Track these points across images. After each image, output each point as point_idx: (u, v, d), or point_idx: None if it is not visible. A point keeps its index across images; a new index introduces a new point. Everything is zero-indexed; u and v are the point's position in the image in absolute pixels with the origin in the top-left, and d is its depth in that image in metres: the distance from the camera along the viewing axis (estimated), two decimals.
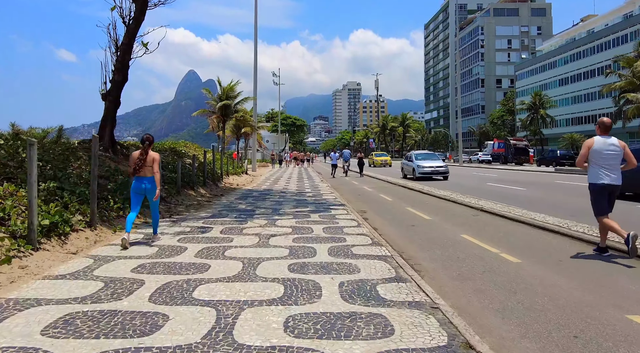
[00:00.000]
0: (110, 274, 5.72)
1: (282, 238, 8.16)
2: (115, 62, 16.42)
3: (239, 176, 26.05)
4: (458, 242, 8.35)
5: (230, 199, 15.09)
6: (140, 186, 7.51)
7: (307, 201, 14.55)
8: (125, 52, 16.29)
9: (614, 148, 6.82)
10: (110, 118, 16.71)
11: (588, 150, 6.90)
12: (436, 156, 29.35)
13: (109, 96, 16.52)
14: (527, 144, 62.90)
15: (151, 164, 7.50)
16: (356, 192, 19.20)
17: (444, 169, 25.53)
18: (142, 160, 7.40)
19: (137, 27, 16.39)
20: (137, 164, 7.39)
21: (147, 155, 7.46)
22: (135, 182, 7.55)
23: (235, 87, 32.96)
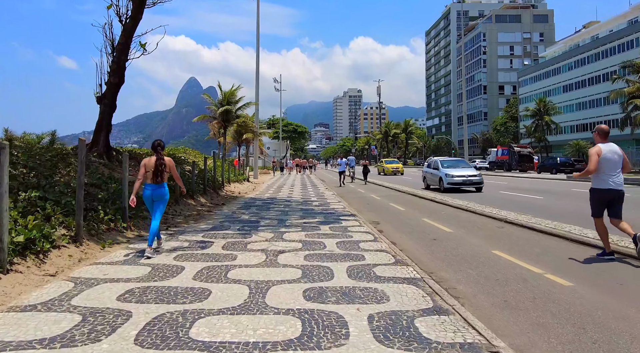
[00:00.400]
0: (91, 303, 4.77)
1: (292, 256, 7.21)
2: (111, 63, 15.56)
3: (240, 183, 25.11)
4: (491, 259, 7.39)
5: (232, 209, 14.14)
6: (158, 192, 7.31)
7: (315, 211, 13.60)
8: (122, 53, 15.42)
9: (617, 155, 7.02)
10: (105, 123, 15.83)
11: (599, 158, 6.92)
12: (466, 162, 25.39)
13: (104, 99, 15.64)
14: (531, 151, 61.95)
15: (167, 170, 7.39)
16: (365, 201, 18.24)
17: (478, 178, 21.26)
18: (161, 166, 7.26)
19: (135, 26, 15.54)
20: (159, 170, 7.22)
21: (164, 160, 7.35)
22: (146, 189, 7.29)
23: (236, 92, 32.08)
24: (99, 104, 15.73)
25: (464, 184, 21.09)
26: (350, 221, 11.41)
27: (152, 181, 7.25)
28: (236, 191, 21.26)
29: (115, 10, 15.61)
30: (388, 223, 11.90)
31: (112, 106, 15.93)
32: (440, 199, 17.01)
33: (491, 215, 12.32)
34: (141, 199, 7.74)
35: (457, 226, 11.03)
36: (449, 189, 20.85)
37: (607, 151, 6.96)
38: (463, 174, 21.33)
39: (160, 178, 7.28)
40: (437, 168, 22.64)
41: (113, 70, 15.47)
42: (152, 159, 7.29)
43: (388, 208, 15.36)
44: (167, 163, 7.38)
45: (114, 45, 15.69)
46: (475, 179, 21.13)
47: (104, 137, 15.71)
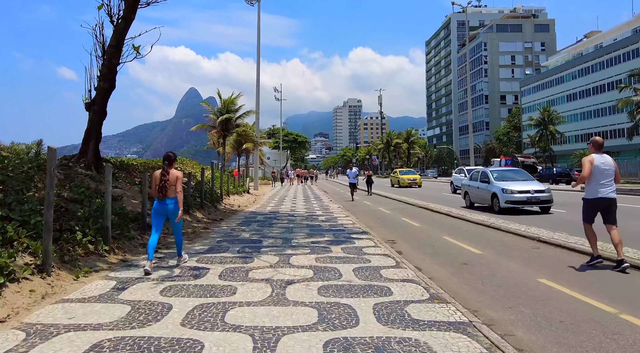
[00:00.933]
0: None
1: (303, 288, 5.98)
2: (101, 67, 14.42)
3: (240, 195, 23.88)
4: (541, 291, 6.15)
5: (231, 225, 12.90)
6: (163, 207, 7.00)
7: (322, 228, 12.37)
8: (113, 56, 14.28)
9: (610, 165, 7.38)
10: (95, 131, 14.65)
11: (591, 166, 7.31)
12: (526, 173, 19.06)
13: (93, 105, 14.49)
14: (535, 161, 61.45)
15: (174, 184, 7.02)
16: (374, 215, 17.01)
17: (547, 195, 15.87)
18: (164, 181, 6.96)
19: (127, 27, 14.41)
20: (160, 185, 6.96)
21: (169, 174, 7.00)
22: (156, 203, 7.05)
23: (236, 100, 30.94)
24: (88, 111, 14.57)
25: (528, 202, 15.78)
26: (364, 240, 10.17)
27: (157, 195, 6.99)
28: (236, 204, 20.03)
29: (107, 10, 14.52)
30: (405, 242, 10.66)
31: (102, 113, 14.76)
32: (457, 213, 15.76)
33: (519, 233, 11.07)
34: None
35: (485, 246, 9.79)
36: (507, 210, 15.92)
37: (599, 161, 7.37)
38: (527, 189, 16.00)
39: (163, 193, 6.94)
40: (488, 180, 17.26)
41: (103, 74, 14.32)
42: (158, 174, 7.06)
43: (401, 224, 14.12)
44: (174, 177, 6.99)
45: (104, 47, 14.56)
46: (543, 197, 15.81)
47: (93, 146, 14.54)
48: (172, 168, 7.14)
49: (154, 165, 18.63)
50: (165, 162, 7.15)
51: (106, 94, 14.59)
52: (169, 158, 7.23)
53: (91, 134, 14.51)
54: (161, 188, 6.94)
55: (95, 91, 14.56)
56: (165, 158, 7.26)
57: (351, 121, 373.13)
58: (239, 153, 39.20)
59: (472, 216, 14.50)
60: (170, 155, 7.33)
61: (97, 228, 7.97)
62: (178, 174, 7.12)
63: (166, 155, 7.33)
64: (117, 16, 14.35)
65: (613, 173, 7.40)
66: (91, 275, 6.59)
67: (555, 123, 70.09)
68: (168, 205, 6.98)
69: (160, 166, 18.42)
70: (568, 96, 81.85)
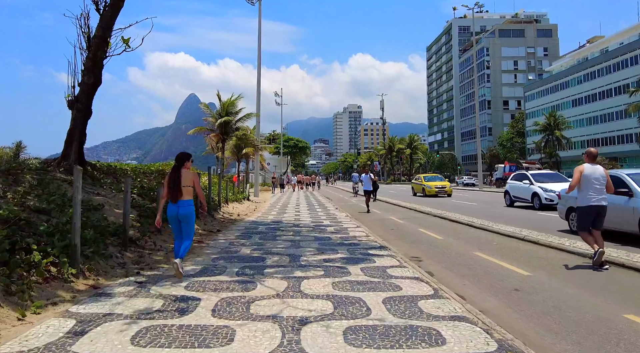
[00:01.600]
0: None
1: (323, 332, 4.46)
2: (85, 60, 12.96)
3: (239, 203, 22.34)
4: (638, 335, 4.64)
5: (229, 238, 11.38)
6: (174, 211, 6.62)
7: (333, 241, 10.84)
8: (99, 47, 12.84)
9: (601, 175, 7.81)
10: (78, 131, 13.20)
11: (581, 175, 7.79)
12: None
13: (76, 103, 13.03)
14: (540, 167, 60.55)
15: (190, 184, 6.67)
16: (386, 225, 15.49)
17: None
18: (177, 183, 6.56)
19: (114, 15, 12.98)
20: (171, 187, 6.57)
21: (180, 176, 6.60)
22: (170, 207, 6.66)
23: (236, 102, 29.37)
24: (71, 109, 13.11)
25: None
26: (385, 257, 8.65)
27: (170, 199, 6.60)
28: (235, 212, 18.49)
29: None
30: (433, 259, 9.14)
31: (87, 111, 13.31)
32: (481, 224, 14.20)
33: (567, 249, 9.54)
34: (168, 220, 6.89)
35: (530, 265, 8.26)
36: None
37: (590, 171, 7.80)
38: None
39: (177, 195, 6.54)
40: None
41: (87, 68, 12.89)
42: (171, 175, 6.68)
43: (420, 236, 12.58)
44: (188, 179, 6.63)
45: (89, 39, 13.11)
46: None
47: (76, 149, 13.06)
48: (185, 168, 6.73)
49: (146, 170, 17.15)
50: (176, 164, 6.75)
51: (91, 90, 13.15)
52: (182, 158, 6.79)
53: (74, 135, 13.05)
54: (174, 190, 6.53)
55: (79, 86, 13.13)
56: (179, 158, 6.83)
57: (351, 127, 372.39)
58: (238, 158, 37.61)
59: (499, 228, 12.96)
60: (183, 155, 6.89)
61: (62, 246, 6.46)
62: (193, 174, 6.78)
63: (179, 155, 6.90)
64: (105, 3, 12.91)
65: (604, 183, 7.84)
66: (45, 311, 5.07)
67: (562, 128, 68.68)
68: (182, 208, 6.57)
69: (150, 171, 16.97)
70: (573, 101, 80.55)
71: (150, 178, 15.65)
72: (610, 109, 70.94)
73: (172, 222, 6.74)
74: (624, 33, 78.18)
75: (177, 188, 6.56)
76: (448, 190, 33.16)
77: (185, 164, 6.78)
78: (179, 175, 6.61)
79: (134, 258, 8.02)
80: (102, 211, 9.54)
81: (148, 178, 15.61)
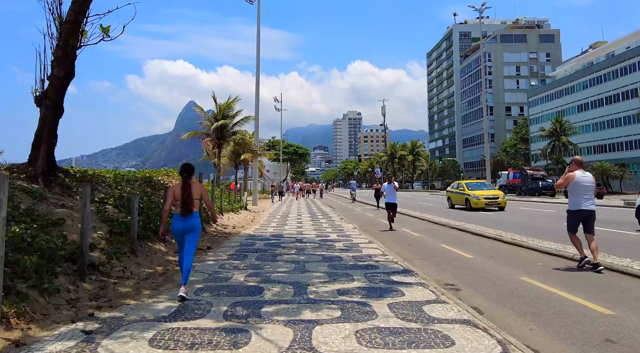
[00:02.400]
0: None
1: None
2: (55, 49, 11.19)
3: (236, 213, 20.49)
4: None
5: (220, 258, 9.55)
6: (180, 225, 6.20)
7: (345, 262, 9.00)
8: (70, 34, 11.07)
9: (590, 181, 8.39)
10: (48, 132, 11.38)
11: (567, 180, 8.38)
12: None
13: (45, 99, 11.23)
14: (544, 174, 58.89)
15: (197, 197, 6.34)
16: (401, 239, 13.65)
17: None
18: (189, 194, 6.18)
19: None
20: (184, 199, 6.16)
21: (191, 188, 6.25)
22: (174, 221, 6.25)
23: (233, 105, 27.42)
24: (39, 106, 11.32)
25: None
26: (415, 287, 6.81)
27: (180, 212, 6.22)
28: (230, 224, 16.64)
29: None
30: (473, 288, 7.29)
31: (58, 108, 11.48)
32: (512, 239, 12.38)
33: (631, 272, 7.72)
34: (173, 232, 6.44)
35: (606, 298, 6.41)
36: None
37: (581, 177, 8.34)
38: None
39: (188, 208, 6.20)
40: None
41: (58, 58, 11.10)
42: (179, 187, 6.33)
43: (446, 255, 10.75)
44: (197, 192, 6.37)
45: (61, 24, 11.35)
46: None
47: (45, 152, 11.23)
48: (190, 179, 6.44)
49: (130, 177, 15.32)
50: (185, 175, 6.38)
51: (62, 84, 11.36)
52: (189, 169, 6.46)
53: (42, 137, 11.23)
54: (185, 203, 6.20)
55: (48, 80, 11.36)
56: (185, 169, 6.44)
57: (351, 134, 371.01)
58: (236, 165, 35.82)
59: (539, 244, 11.11)
60: (188, 167, 6.48)
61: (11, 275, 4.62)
62: (201, 186, 6.57)
63: (186, 166, 6.47)
64: None
65: (593, 188, 8.36)
66: None
67: (568, 134, 66.96)
68: (187, 221, 6.22)
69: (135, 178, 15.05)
70: (579, 106, 78.87)
71: (133, 186, 13.83)
72: (617, 114, 69.25)
73: (178, 236, 6.36)
74: (630, 37, 76.67)
75: (190, 201, 6.22)
76: (501, 201, 25.06)
77: (192, 175, 6.56)
78: (189, 186, 6.27)
79: (92, 290, 6.20)
80: (62, 228, 7.73)
81: (131, 186, 13.79)
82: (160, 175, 17.82)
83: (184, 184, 6.29)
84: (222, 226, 15.56)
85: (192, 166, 6.63)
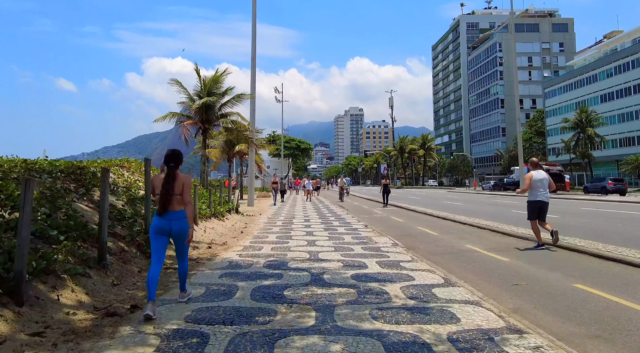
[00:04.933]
0: None
1: None
2: None
3: (221, 219, 14.95)
4: None
5: (169, 322, 4.24)
6: (164, 224, 5.06)
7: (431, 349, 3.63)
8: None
9: (545, 178, 10.33)
10: None
11: (530, 180, 10.26)
12: None
13: None
14: (561, 169, 55.03)
15: (180, 192, 5.13)
16: (456, 254, 8.22)
17: None
18: (170, 188, 5.06)
19: None
20: (165, 194, 5.04)
21: (175, 180, 5.11)
22: (156, 219, 5.09)
23: (222, 79, 21.84)
24: None
25: None
26: None
27: (157, 209, 5.06)
28: (206, 239, 11.13)
29: None
30: None
31: None
32: None
33: None
34: None
35: None
36: None
37: (536, 176, 10.28)
38: None
39: (166, 205, 5.02)
40: None
41: None
42: (159, 179, 5.17)
43: (573, 293, 5.37)
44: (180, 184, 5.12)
45: None
46: None
47: None
48: (177, 170, 5.19)
49: (64, 167, 9.86)
50: (172, 164, 5.13)
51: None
52: (175, 158, 5.16)
53: None
54: (164, 199, 5.03)
55: None
56: (170, 157, 5.15)
57: (353, 130, 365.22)
58: (229, 157, 30.30)
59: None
60: (175, 153, 5.20)
61: None
62: (185, 179, 5.20)
63: (170, 154, 5.17)
64: None
65: (547, 184, 10.36)
66: None
67: (594, 125, 61.50)
68: (172, 222, 5.06)
69: (75, 168, 9.34)
70: (602, 96, 73.22)
71: (44, 181, 8.44)
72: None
73: (157, 239, 5.06)
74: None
75: (169, 197, 5.05)
76: None
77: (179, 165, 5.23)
78: (173, 179, 5.08)
79: None
80: None
81: (41, 180, 8.40)
82: (112, 166, 12.39)
83: (166, 176, 5.11)
84: (195, 243, 10.11)
85: (180, 154, 5.24)
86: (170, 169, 5.14)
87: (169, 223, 5.07)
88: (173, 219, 5.08)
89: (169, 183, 5.05)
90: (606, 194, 43.85)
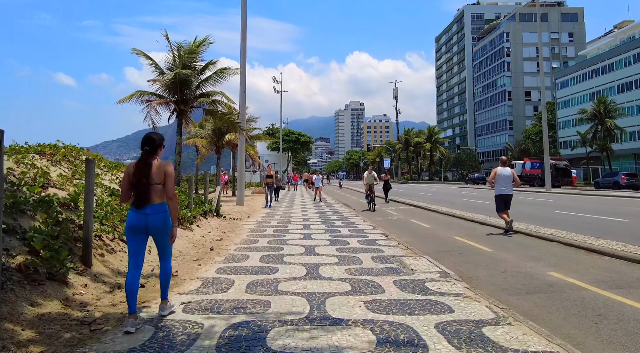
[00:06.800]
0: None
1: None
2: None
3: (188, 228, 11.13)
4: None
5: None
6: (139, 220, 4.18)
7: None
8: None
9: (509, 174, 11.72)
10: None
11: (495, 175, 11.81)
12: None
13: None
14: (567, 163, 52.67)
15: (159, 182, 4.25)
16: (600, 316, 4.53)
17: None
18: (144, 175, 4.19)
19: None
20: (138, 183, 4.18)
21: (150, 168, 4.25)
22: (132, 214, 4.25)
23: (199, 50, 17.16)
24: None
25: None
26: None
27: (134, 202, 4.22)
28: (150, 266, 7.43)
29: None
30: None
31: None
32: None
33: None
34: None
35: None
36: None
37: (501, 171, 11.76)
38: None
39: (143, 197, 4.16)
40: None
41: None
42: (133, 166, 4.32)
43: None
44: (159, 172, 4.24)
45: None
46: None
47: None
48: (156, 157, 4.33)
49: None
50: (146, 148, 4.26)
51: None
52: (151, 142, 4.30)
53: None
54: (140, 189, 4.15)
55: None
56: (146, 141, 4.30)
57: (353, 124, 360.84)
58: (218, 148, 26.39)
59: None
60: (153, 137, 4.33)
61: None
62: (167, 167, 4.32)
63: (147, 137, 4.33)
64: None
65: (511, 179, 11.67)
66: None
67: (613, 117, 57.63)
68: (149, 216, 4.17)
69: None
70: (619, 86, 69.23)
71: None
72: None
73: (133, 238, 4.23)
74: None
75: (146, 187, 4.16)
76: None
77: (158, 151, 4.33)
78: (148, 166, 4.20)
79: None
80: None
81: None
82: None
83: (138, 161, 4.28)
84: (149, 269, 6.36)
85: (157, 138, 4.30)
86: (145, 153, 4.25)
87: (145, 218, 4.16)
88: (150, 213, 4.18)
89: (141, 169, 4.18)
90: (619, 189, 40.64)
